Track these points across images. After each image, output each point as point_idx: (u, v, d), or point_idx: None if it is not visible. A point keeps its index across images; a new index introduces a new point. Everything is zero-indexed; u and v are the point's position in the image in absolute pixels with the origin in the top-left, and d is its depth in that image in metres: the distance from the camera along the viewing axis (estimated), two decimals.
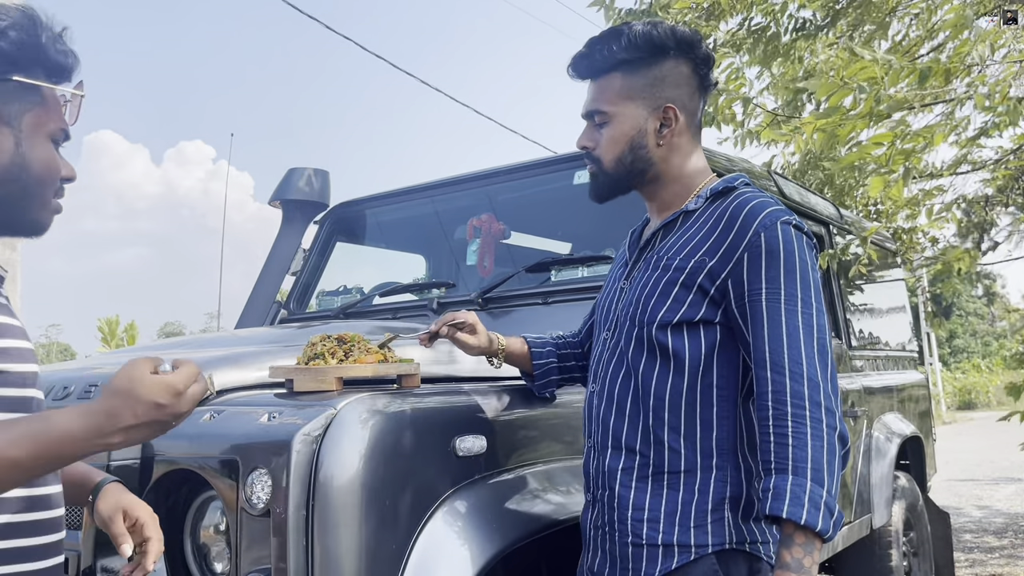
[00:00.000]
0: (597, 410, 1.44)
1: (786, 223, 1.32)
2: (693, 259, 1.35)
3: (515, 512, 1.55)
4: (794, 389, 1.23)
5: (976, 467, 10.20)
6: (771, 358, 1.26)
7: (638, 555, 1.33)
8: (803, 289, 1.29)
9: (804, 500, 1.19)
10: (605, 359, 1.46)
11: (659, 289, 1.37)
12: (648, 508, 1.34)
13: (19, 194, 1.03)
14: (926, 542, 3.73)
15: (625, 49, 1.40)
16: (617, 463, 1.38)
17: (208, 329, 29.25)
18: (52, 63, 1.05)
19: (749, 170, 2.86)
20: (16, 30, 1.00)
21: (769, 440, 1.23)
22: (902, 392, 3.81)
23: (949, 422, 18.98)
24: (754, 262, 1.30)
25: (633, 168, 1.43)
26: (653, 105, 1.41)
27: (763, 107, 4.11)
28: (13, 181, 1.02)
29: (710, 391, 1.34)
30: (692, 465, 1.33)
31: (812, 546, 1.20)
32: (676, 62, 1.41)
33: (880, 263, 4.12)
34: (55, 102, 1.06)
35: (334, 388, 1.46)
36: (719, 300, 1.33)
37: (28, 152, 1.03)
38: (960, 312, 36.58)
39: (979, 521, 6.79)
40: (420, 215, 2.96)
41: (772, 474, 1.22)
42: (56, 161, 1.07)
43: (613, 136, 1.42)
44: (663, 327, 1.35)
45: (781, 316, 1.27)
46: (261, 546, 1.31)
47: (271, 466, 1.29)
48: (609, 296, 1.53)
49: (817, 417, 1.22)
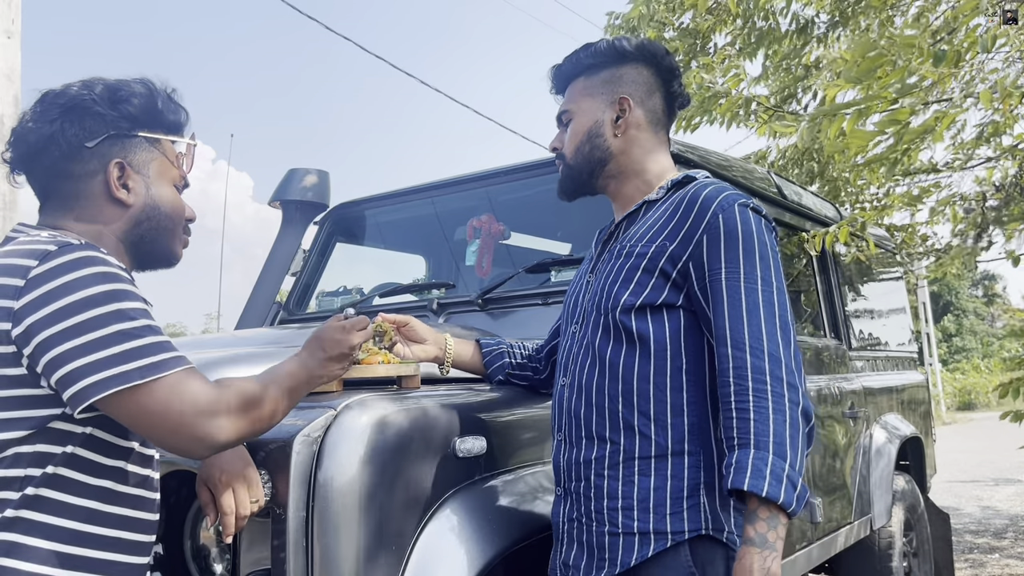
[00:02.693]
0: (568, 403, 1.45)
1: (743, 205, 1.35)
2: (654, 244, 1.38)
3: (515, 513, 1.55)
4: (755, 364, 1.24)
5: (976, 468, 10.20)
6: (731, 335, 1.27)
7: (614, 544, 1.33)
8: (763, 268, 1.31)
9: (766, 473, 1.18)
10: (575, 352, 1.47)
11: (622, 275, 1.39)
12: (622, 496, 1.34)
13: (155, 231, 1.26)
14: (926, 543, 3.73)
15: (590, 56, 1.51)
16: (591, 453, 1.38)
17: (208, 330, 29.22)
18: (168, 121, 1.28)
19: (749, 170, 2.86)
20: (137, 97, 1.24)
21: (732, 416, 1.24)
22: (902, 393, 3.81)
23: (949, 423, 18.98)
24: (713, 243, 1.32)
25: (592, 157, 1.49)
26: (609, 99, 1.49)
27: (764, 101, 4.11)
28: (148, 220, 1.24)
29: (679, 375, 1.35)
30: (663, 451, 1.33)
31: (776, 520, 1.19)
32: (636, 66, 1.50)
33: (880, 263, 4.12)
34: (173, 153, 1.30)
35: (334, 389, 1.46)
36: (681, 284, 1.35)
37: (157, 195, 1.26)
38: (959, 312, 36.58)
39: (979, 522, 6.79)
40: (420, 216, 2.96)
41: (735, 450, 1.22)
42: (181, 203, 1.30)
43: (574, 130, 1.51)
44: (627, 311, 1.36)
45: (741, 294, 1.29)
46: (261, 547, 1.32)
47: (271, 467, 1.29)
48: (576, 291, 1.55)
49: (779, 392, 1.23)
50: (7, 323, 1.05)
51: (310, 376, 1.26)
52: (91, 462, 1.12)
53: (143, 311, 1.09)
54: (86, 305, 1.04)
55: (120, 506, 1.15)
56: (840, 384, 3.07)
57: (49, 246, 1.08)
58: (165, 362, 1.07)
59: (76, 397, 1.04)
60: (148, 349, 1.06)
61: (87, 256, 1.08)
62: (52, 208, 1.22)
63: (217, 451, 1.13)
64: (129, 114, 1.22)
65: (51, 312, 1.04)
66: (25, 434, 1.07)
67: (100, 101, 1.21)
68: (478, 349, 1.75)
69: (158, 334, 1.09)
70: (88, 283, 1.05)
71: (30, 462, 1.07)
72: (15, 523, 1.06)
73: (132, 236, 1.24)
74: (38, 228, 1.18)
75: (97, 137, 1.20)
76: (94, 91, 1.21)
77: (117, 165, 1.21)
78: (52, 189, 1.21)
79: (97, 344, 1.04)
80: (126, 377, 1.04)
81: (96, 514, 1.12)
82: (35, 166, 1.21)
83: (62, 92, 1.21)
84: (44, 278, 1.05)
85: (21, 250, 1.09)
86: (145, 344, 1.06)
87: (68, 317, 1.04)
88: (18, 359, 1.06)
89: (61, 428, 1.09)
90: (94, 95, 1.21)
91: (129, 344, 1.05)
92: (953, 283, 33.53)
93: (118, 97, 1.22)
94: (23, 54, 3.84)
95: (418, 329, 1.63)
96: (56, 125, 1.18)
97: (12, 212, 3.77)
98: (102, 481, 1.13)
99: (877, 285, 4.10)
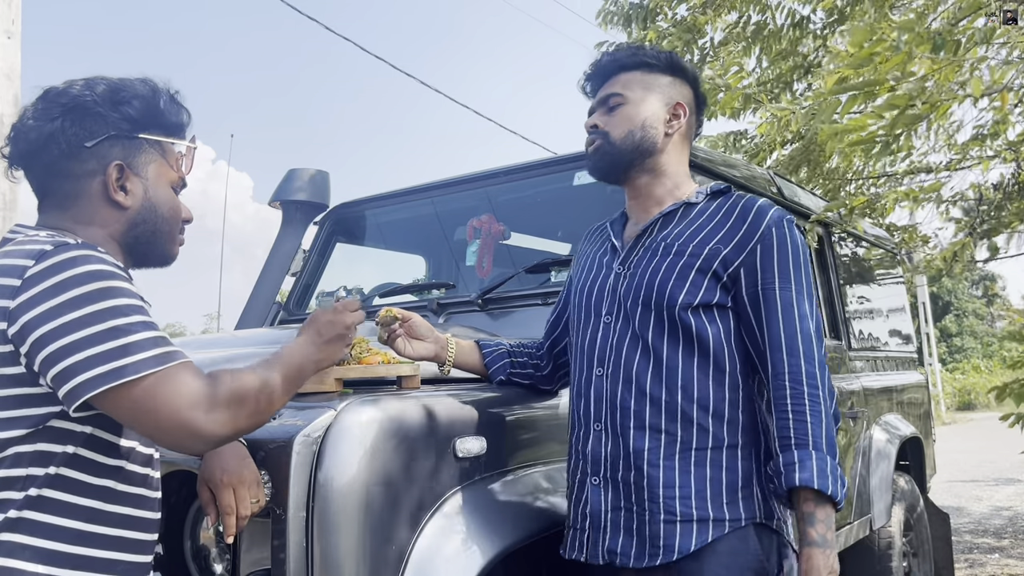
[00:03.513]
0: (611, 393, 1.47)
1: (790, 221, 1.47)
2: (708, 246, 1.45)
3: (515, 513, 1.55)
4: (808, 371, 1.37)
5: (976, 468, 10.20)
6: (786, 342, 1.39)
7: (670, 531, 1.38)
8: (806, 282, 1.43)
9: (827, 472, 1.32)
10: (613, 343, 1.48)
11: (676, 272, 1.44)
12: (679, 485, 1.39)
13: (151, 232, 1.25)
14: (926, 543, 3.73)
15: (651, 56, 1.57)
16: (642, 443, 1.42)
17: (208, 330, 29.25)
18: (169, 123, 1.28)
19: (749, 169, 2.86)
20: (139, 98, 1.23)
21: (787, 417, 1.35)
22: (902, 393, 3.81)
23: (949, 423, 18.98)
24: (766, 254, 1.42)
25: (641, 146, 1.53)
26: (666, 100, 1.56)
27: (763, 99, 4.11)
28: (144, 222, 1.24)
29: (734, 373, 1.44)
30: (720, 442, 1.41)
31: (831, 519, 1.32)
32: (684, 84, 1.59)
33: (880, 263, 4.12)
34: (173, 155, 1.29)
35: (334, 389, 1.46)
36: (730, 287, 1.44)
37: (155, 197, 1.25)
38: (959, 312, 36.58)
39: (979, 522, 6.79)
40: (420, 216, 2.96)
41: (792, 449, 1.33)
42: (179, 204, 1.30)
43: (628, 114, 1.54)
44: (684, 309, 1.42)
45: (793, 305, 1.40)
46: (261, 547, 1.32)
47: (271, 467, 1.29)
48: (598, 281, 1.56)
49: (825, 397, 1.37)
50: (3, 322, 1.05)
51: (308, 361, 1.25)
52: (92, 462, 1.12)
53: (138, 308, 1.09)
54: (81, 302, 1.04)
55: (122, 505, 1.15)
56: (840, 384, 3.07)
57: (46, 246, 1.08)
58: (160, 357, 1.07)
59: (71, 394, 1.03)
60: (143, 344, 1.06)
61: (83, 255, 1.08)
62: (50, 207, 1.22)
63: (215, 446, 1.12)
64: (130, 116, 1.22)
65: (46, 310, 1.04)
66: (25, 433, 1.07)
67: (102, 102, 1.20)
68: (479, 350, 1.75)
69: (153, 330, 1.08)
70: (83, 281, 1.05)
71: (31, 461, 1.07)
72: (19, 524, 1.06)
73: (128, 237, 1.24)
74: (36, 229, 1.18)
75: (97, 137, 1.20)
76: (96, 91, 1.21)
77: (116, 167, 1.21)
78: (50, 187, 1.21)
79: (91, 340, 1.03)
80: (120, 373, 1.03)
81: (98, 513, 1.12)
82: (34, 163, 1.21)
83: (64, 91, 1.21)
84: (40, 277, 1.05)
85: (18, 250, 1.09)
86: (140, 339, 1.06)
87: (62, 314, 1.03)
88: (16, 358, 1.06)
89: (61, 427, 1.09)
90: (96, 95, 1.20)
91: (123, 340, 1.05)
92: (951, 284, 33.56)
93: (120, 98, 1.22)
94: (23, 53, 3.84)
95: (420, 327, 1.63)
96: (57, 124, 1.18)
97: (12, 212, 3.77)
98: (103, 480, 1.13)
99: (877, 285, 4.10)
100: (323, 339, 1.28)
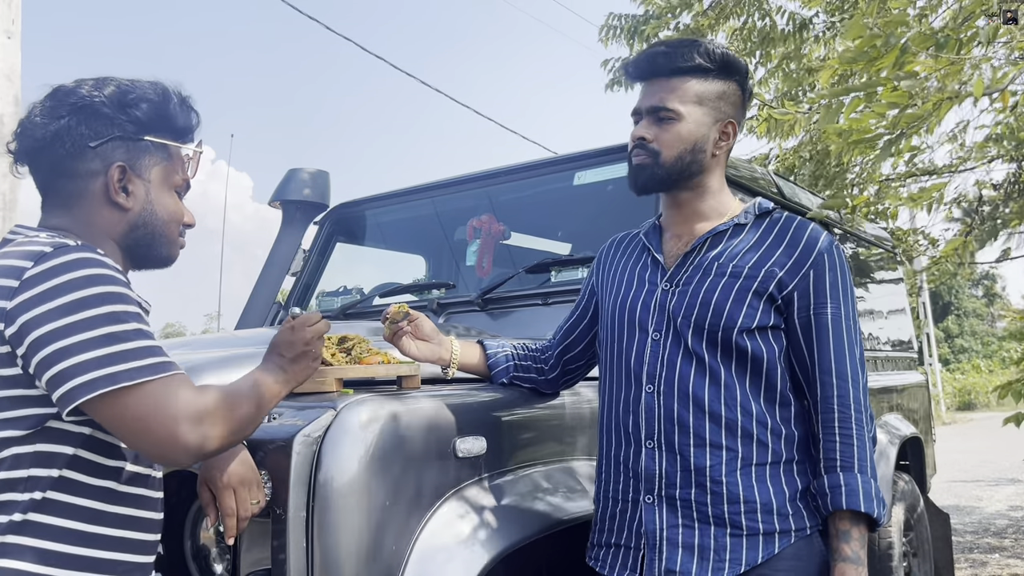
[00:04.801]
0: (665, 410, 1.45)
1: (838, 246, 1.49)
2: (763, 268, 1.45)
3: (516, 513, 1.55)
4: (855, 396, 1.41)
5: (976, 468, 10.20)
6: (836, 366, 1.42)
7: (736, 545, 1.40)
8: (854, 307, 1.47)
9: (873, 496, 1.36)
10: (664, 360, 1.46)
11: (733, 294, 1.44)
12: (743, 500, 1.41)
13: (151, 235, 1.26)
14: (926, 543, 3.73)
15: (703, 57, 1.48)
16: (703, 460, 1.42)
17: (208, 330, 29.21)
18: (176, 127, 1.28)
19: (751, 171, 2.86)
20: (147, 101, 1.24)
21: (835, 439, 1.39)
22: (902, 393, 3.81)
23: (949, 423, 18.98)
24: (820, 279, 1.44)
25: (689, 169, 1.51)
26: (717, 117, 1.51)
27: (760, 98, 4.10)
28: (145, 225, 1.25)
29: (784, 391, 1.46)
30: (779, 457, 1.44)
31: (866, 538, 1.38)
32: (736, 86, 1.53)
33: (880, 263, 4.12)
34: (179, 158, 1.29)
35: (334, 389, 1.46)
36: (783, 310, 1.46)
37: (157, 201, 1.26)
38: (959, 312, 36.57)
39: (979, 521, 6.79)
40: (420, 216, 2.96)
41: (839, 471, 1.38)
42: (180, 208, 1.30)
43: (680, 134, 1.49)
44: (743, 332, 1.43)
45: (843, 330, 1.43)
46: (261, 547, 1.31)
47: (271, 467, 1.29)
48: (641, 297, 1.52)
49: (867, 421, 1.41)
50: (1, 323, 1.05)
51: (276, 384, 1.22)
52: (93, 463, 1.12)
53: (136, 314, 1.09)
54: (78, 306, 1.04)
55: (123, 506, 1.15)
56: None
57: (45, 247, 1.08)
58: (153, 366, 1.07)
59: (64, 398, 1.03)
60: (137, 352, 1.06)
61: (82, 258, 1.08)
62: (52, 205, 1.22)
63: (197, 460, 1.12)
64: (137, 118, 1.22)
65: (43, 312, 1.04)
66: (23, 434, 1.07)
67: (110, 103, 1.21)
68: (482, 351, 1.74)
69: (148, 338, 1.08)
70: (81, 284, 1.05)
71: (32, 463, 1.07)
72: (24, 527, 1.06)
73: (128, 239, 1.24)
74: (36, 229, 1.18)
75: (102, 138, 1.20)
76: (104, 92, 1.21)
77: (118, 168, 1.21)
78: (53, 186, 1.22)
79: (86, 345, 1.03)
80: (113, 379, 1.03)
81: (100, 514, 1.12)
82: (39, 161, 1.21)
83: (73, 90, 1.21)
84: (38, 279, 1.05)
85: (18, 251, 1.09)
86: (134, 348, 1.06)
87: (60, 318, 1.03)
88: (13, 359, 1.06)
89: (59, 427, 1.09)
90: (104, 96, 1.21)
91: (118, 347, 1.05)
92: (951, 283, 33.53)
93: (128, 100, 1.22)
94: (23, 53, 3.84)
95: (425, 327, 1.62)
96: (63, 122, 1.18)
97: (12, 212, 3.77)
98: (104, 481, 1.13)
99: (877, 285, 4.10)
100: (287, 359, 1.25)
